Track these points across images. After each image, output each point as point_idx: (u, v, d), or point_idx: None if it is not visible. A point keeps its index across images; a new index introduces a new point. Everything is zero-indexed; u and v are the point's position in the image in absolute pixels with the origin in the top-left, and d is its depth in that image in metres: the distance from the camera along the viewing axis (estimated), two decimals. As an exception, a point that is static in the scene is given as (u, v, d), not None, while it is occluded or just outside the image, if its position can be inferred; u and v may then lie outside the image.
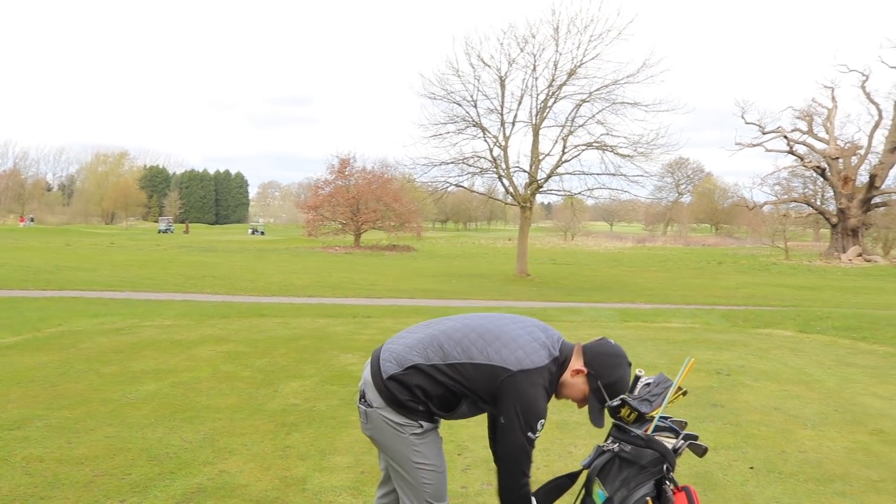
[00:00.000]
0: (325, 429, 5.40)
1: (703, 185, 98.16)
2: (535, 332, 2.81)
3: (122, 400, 6.05)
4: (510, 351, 2.69)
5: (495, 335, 2.74)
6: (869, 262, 41.10)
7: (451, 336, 2.78)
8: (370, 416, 2.80)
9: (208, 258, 32.51)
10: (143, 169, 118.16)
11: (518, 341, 2.73)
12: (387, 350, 2.84)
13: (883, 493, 4.40)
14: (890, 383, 7.69)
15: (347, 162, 49.39)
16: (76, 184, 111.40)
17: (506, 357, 2.68)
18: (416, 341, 2.82)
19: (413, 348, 2.78)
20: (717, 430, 5.60)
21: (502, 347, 2.70)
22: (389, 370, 2.76)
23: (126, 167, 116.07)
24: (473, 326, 2.81)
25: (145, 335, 9.58)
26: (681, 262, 40.49)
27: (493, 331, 2.77)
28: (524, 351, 2.69)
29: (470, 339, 2.75)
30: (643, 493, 2.76)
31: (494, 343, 2.72)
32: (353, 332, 10.32)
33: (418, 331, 2.91)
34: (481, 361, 2.69)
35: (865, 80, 43.62)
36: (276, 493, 4.14)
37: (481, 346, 2.72)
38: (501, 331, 2.78)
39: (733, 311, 14.74)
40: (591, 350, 2.80)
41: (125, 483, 4.20)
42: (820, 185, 55.70)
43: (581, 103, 24.74)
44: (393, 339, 2.93)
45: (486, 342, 2.73)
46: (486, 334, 2.76)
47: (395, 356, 2.78)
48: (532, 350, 2.71)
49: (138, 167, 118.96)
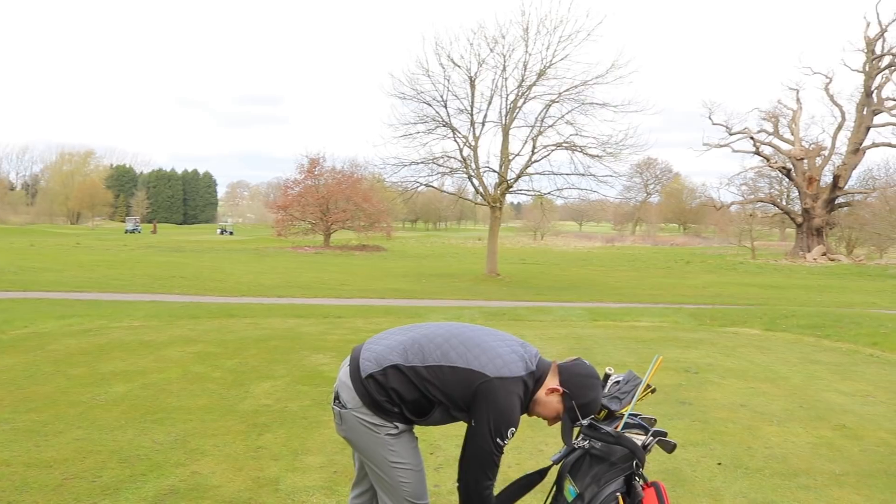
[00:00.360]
0: (297, 429, 5.39)
1: (671, 185, 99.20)
2: (514, 346, 2.85)
3: (92, 402, 5.99)
4: (489, 358, 2.72)
5: (475, 342, 2.78)
6: (833, 261, 41.82)
7: (432, 339, 2.80)
8: (345, 417, 2.81)
9: (177, 258, 32.19)
10: (110, 168, 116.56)
11: (497, 350, 2.77)
12: (367, 350, 2.85)
13: (845, 486, 4.51)
14: (853, 380, 7.86)
15: (317, 162, 49.14)
16: (40, 183, 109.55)
17: (484, 363, 2.71)
18: (396, 343, 2.84)
19: (393, 350, 2.80)
20: (685, 427, 5.68)
21: (481, 354, 2.73)
22: (368, 369, 2.77)
23: (92, 166, 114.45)
24: (455, 333, 2.84)
25: (114, 336, 9.48)
26: (649, 262, 40.88)
27: (474, 339, 2.81)
28: (502, 360, 2.73)
29: (450, 344, 2.78)
30: (613, 489, 2.81)
31: (474, 349, 2.75)
32: (324, 333, 10.31)
33: (400, 333, 2.93)
34: (460, 365, 2.71)
35: (829, 82, 44.44)
36: (249, 493, 4.13)
37: (461, 351, 2.74)
38: (482, 339, 2.81)
39: (701, 310, 14.93)
40: (568, 370, 2.83)
41: (96, 486, 4.16)
42: (785, 186, 56.59)
43: (550, 104, 24.87)
44: (374, 340, 2.94)
45: (467, 348, 2.76)
46: (468, 341, 2.79)
47: (376, 356, 2.80)
48: (510, 360, 2.74)
49: (104, 166, 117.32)
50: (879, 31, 41.73)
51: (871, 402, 6.84)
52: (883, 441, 5.49)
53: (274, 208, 52.15)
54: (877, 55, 41.99)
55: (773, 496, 4.31)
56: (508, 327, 11.34)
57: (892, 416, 6.27)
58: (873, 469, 4.84)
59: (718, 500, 4.22)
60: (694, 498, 4.25)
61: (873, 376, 8.12)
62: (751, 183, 55.50)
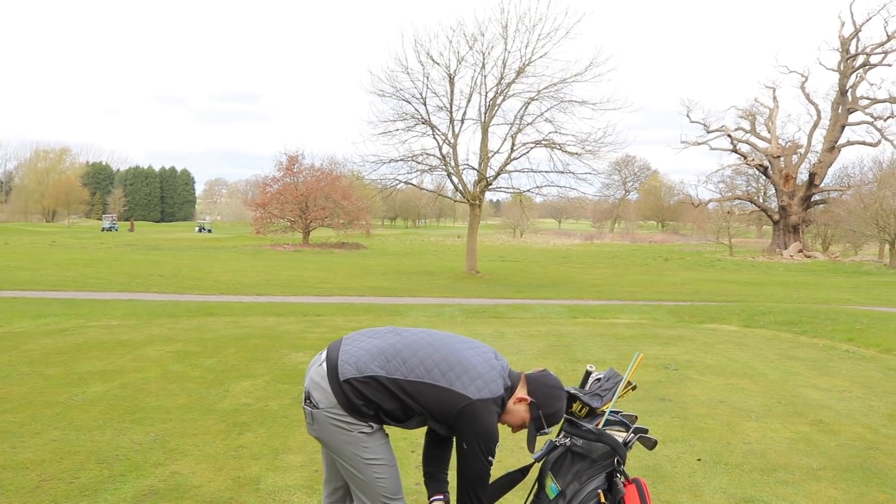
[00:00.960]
0: (277, 428, 5.37)
1: (649, 182, 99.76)
2: (491, 361, 2.88)
3: (69, 402, 5.93)
4: (471, 378, 2.76)
5: (458, 360, 2.80)
6: (809, 257, 42.30)
7: (415, 353, 2.81)
8: (316, 417, 2.81)
9: (155, 256, 31.94)
10: (86, 166, 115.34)
11: (478, 369, 2.80)
12: (345, 352, 2.84)
13: (822, 480, 4.56)
14: (829, 375, 7.95)
15: (296, 159, 48.97)
16: (14, 181, 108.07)
17: (466, 384, 2.75)
18: (376, 349, 2.83)
19: (374, 357, 2.80)
20: (665, 424, 5.72)
21: (463, 374, 2.77)
22: (347, 373, 2.76)
23: (67, 164, 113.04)
24: (437, 347, 2.85)
25: (91, 336, 9.39)
26: (628, 259, 41.11)
27: (456, 355, 2.83)
28: (483, 380, 2.77)
29: (433, 360, 2.79)
30: (595, 485, 2.83)
31: (456, 368, 2.78)
32: (304, 331, 10.27)
33: (378, 337, 2.93)
34: (443, 385, 2.75)
35: (805, 81, 44.96)
36: (230, 493, 4.11)
37: (444, 369, 2.77)
38: (464, 356, 2.84)
39: (680, 307, 15.03)
40: (535, 381, 2.90)
41: (73, 487, 4.12)
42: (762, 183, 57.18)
43: (530, 101, 24.96)
44: (350, 341, 2.92)
45: (449, 365, 2.78)
46: (450, 357, 2.81)
47: (355, 360, 2.79)
48: (490, 379, 2.78)
49: (80, 164, 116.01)
50: (854, 30, 42.26)
51: (847, 397, 6.92)
52: (859, 436, 5.56)
53: (253, 206, 51.88)
54: (851, 54, 42.50)
55: (753, 491, 4.35)
56: (488, 325, 11.38)
57: (867, 411, 6.36)
58: (849, 463, 4.90)
59: (698, 496, 4.25)
60: (674, 494, 4.28)
61: (849, 372, 8.21)
62: (728, 180, 56.15)
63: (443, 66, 24.78)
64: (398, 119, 25.43)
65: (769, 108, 46.42)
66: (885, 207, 35.39)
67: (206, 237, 62.09)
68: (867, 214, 36.61)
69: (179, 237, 58.60)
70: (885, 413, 6.33)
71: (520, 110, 25.28)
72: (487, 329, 10.83)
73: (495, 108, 25.42)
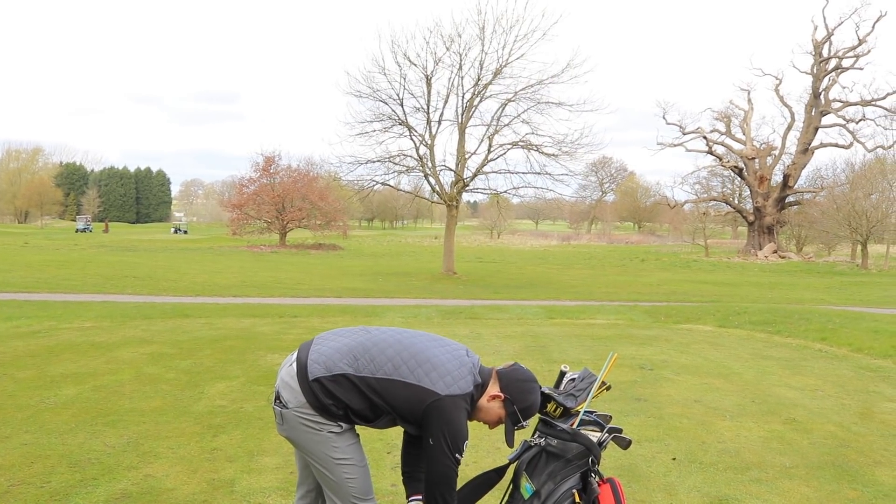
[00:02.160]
0: (252, 430, 5.33)
1: (626, 183, 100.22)
2: (462, 358, 2.88)
3: (40, 405, 5.85)
4: (439, 375, 2.76)
5: (426, 357, 2.80)
6: (783, 258, 42.78)
7: (384, 351, 2.81)
8: (286, 416, 2.81)
9: (129, 258, 31.62)
10: (59, 166, 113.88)
11: (446, 366, 2.80)
12: (315, 352, 2.83)
13: (795, 478, 4.61)
14: (802, 374, 8.03)
15: (273, 160, 48.70)
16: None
17: (434, 380, 2.75)
18: (346, 348, 2.83)
19: (343, 355, 2.79)
20: (640, 424, 5.75)
21: (432, 370, 2.77)
22: (316, 372, 2.75)
23: (40, 164, 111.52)
24: (406, 345, 2.85)
25: (63, 338, 9.28)
26: (605, 260, 41.31)
27: (425, 352, 2.83)
28: (452, 377, 2.77)
29: (402, 358, 2.79)
30: (570, 485, 2.83)
31: (425, 365, 2.78)
32: (280, 332, 10.22)
33: (347, 336, 2.92)
34: (411, 381, 2.74)
35: (779, 83, 45.45)
36: (204, 496, 4.08)
37: (412, 366, 2.77)
38: (432, 353, 2.84)
39: (656, 307, 15.12)
40: (507, 376, 2.90)
41: (44, 492, 4.06)
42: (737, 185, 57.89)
43: (506, 102, 25.03)
44: (320, 341, 2.92)
45: (418, 363, 2.78)
46: (419, 355, 2.81)
47: (325, 360, 2.78)
48: (459, 376, 2.78)
49: (53, 164, 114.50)
50: (826, 34, 42.80)
51: (819, 396, 7.00)
52: (831, 434, 5.62)
53: (229, 207, 51.52)
54: (824, 58, 43.03)
55: (727, 490, 4.38)
56: (465, 326, 11.38)
57: (839, 410, 6.43)
58: (822, 461, 4.95)
59: (673, 495, 4.28)
60: (649, 493, 4.30)
61: (822, 371, 8.31)
62: (704, 182, 56.67)
63: (420, 68, 24.81)
64: (375, 120, 25.43)
65: (744, 110, 46.88)
66: (857, 209, 35.85)
67: (181, 238, 61.61)
68: (840, 216, 37.06)
69: (155, 238, 58.09)
70: (856, 411, 6.41)
71: (497, 111, 25.39)
72: (464, 330, 10.84)
73: (472, 110, 25.47)
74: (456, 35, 24.49)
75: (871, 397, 7.04)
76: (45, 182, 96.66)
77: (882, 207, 36.61)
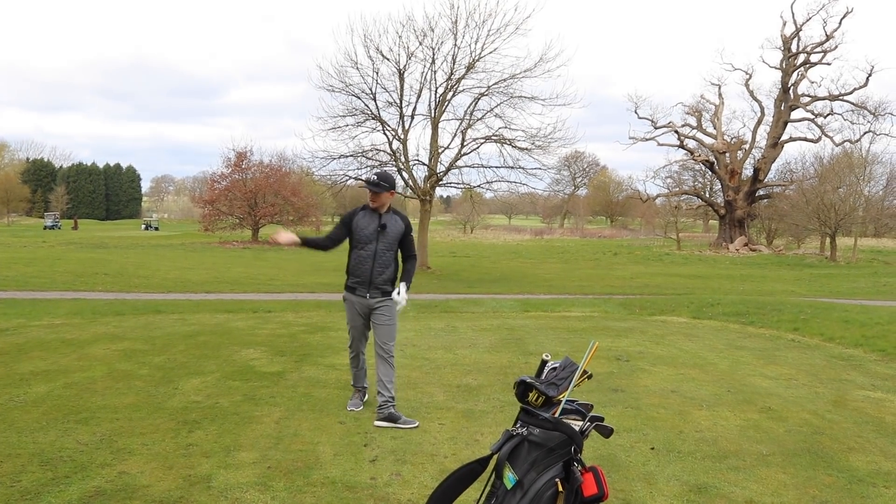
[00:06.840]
0: (228, 425, 5.27)
1: (598, 178, 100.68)
2: None
3: (9, 403, 5.74)
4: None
5: None
6: (754, 251, 43.23)
7: None
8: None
9: (100, 255, 31.18)
10: (26, 162, 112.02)
11: None
12: None
13: (772, 465, 4.65)
14: (776, 364, 8.12)
15: (244, 155, 48.23)
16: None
17: None
18: None
19: None
20: (618, 414, 5.77)
21: None
22: None
23: (6, 160, 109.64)
24: None
25: (33, 335, 9.11)
26: (578, 254, 41.51)
27: None
28: None
29: None
30: (552, 474, 2.82)
31: None
32: (255, 327, 10.13)
33: None
34: None
35: (749, 78, 45.84)
36: (180, 492, 4.01)
37: None
38: None
39: (630, 300, 15.21)
40: None
41: (14, 491, 3.98)
42: (709, 179, 58.34)
43: (479, 97, 25.00)
44: None
45: None
46: None
47: None
48: None
49: (20, 160, 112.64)
50: (795, 30, 43.24)
51: (793, 384, 7.08)
52: (805, 421, 5.69)
53: (200, 203, 50.98)
54: (793, 53, 43.48)
55: (705, 478, 4.41)
56: (440, 319, 11.36)
57: (813, 398, 6.51)
58: (797, 448, 5.00)
59: (652, 484, 4.29)
60: (629, 482, 4.31)
61: (795, 360, 8.40)
62: (675, 176, 57.02)
63: (392, 62, 24.69)
64: (348, 115, 25.23)
65: (715, 104, 47.25)
66: (825, 202, 36.34)
67: (152, 235, 60.94)
68: (809, 209, 37.53)
69: (125, 235, 57.41)
70: (829, 399, 6.49)
71: (470, 106, 25.34)
72: (439, 323, 10.82)
73: (445, 104, 25.41)
74: (429, 29, 24.41)
75: (843, 385, 7.13)
76: (11, 178, 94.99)
77: (850, 201, 37.18)
